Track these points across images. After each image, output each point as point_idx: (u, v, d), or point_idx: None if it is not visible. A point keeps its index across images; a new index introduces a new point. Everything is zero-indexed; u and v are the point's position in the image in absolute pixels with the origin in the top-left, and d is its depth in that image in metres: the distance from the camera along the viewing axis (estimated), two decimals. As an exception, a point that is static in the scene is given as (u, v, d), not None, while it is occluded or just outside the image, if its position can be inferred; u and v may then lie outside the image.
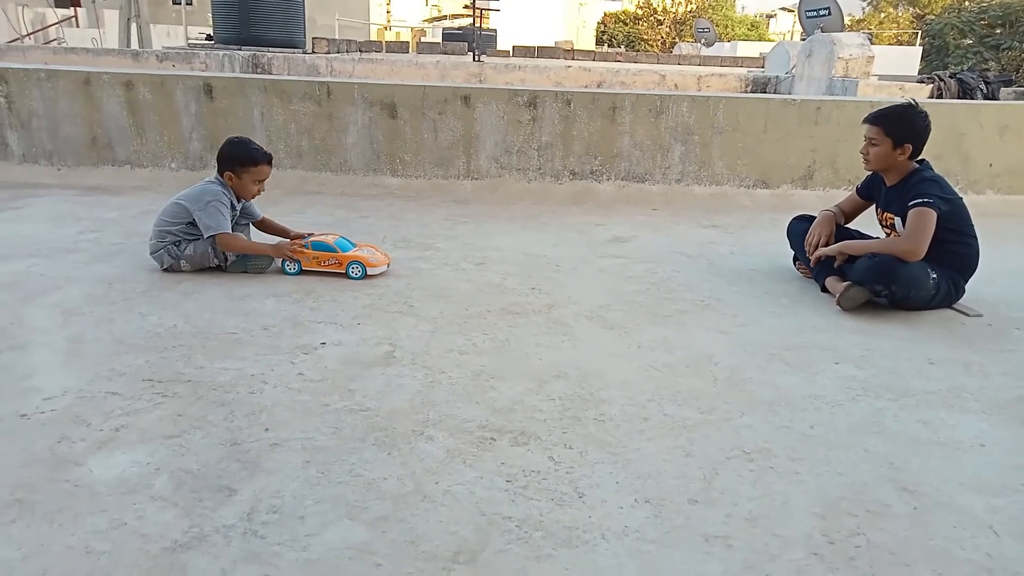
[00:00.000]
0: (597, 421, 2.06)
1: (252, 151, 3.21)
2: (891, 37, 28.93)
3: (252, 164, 3.19)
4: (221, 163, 3.22)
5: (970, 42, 21.21)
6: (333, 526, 1.59)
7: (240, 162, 3.18)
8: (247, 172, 3.19)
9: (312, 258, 3.19)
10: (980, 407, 2.23)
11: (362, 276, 3.18)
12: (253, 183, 3.23)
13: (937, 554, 1.56)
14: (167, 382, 2.21)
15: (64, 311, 2.73)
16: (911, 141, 3.01)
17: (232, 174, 3.20)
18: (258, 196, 3.32)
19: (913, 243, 2.93)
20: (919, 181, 3.02)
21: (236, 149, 3.21)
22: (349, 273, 3.18)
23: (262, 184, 3.27)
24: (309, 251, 3.20)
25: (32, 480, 1.71)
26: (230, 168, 3.20)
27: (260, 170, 3.21)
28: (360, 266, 3.18)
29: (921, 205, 2.93)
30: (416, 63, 10.26)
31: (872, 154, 3.09)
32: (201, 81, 5.04)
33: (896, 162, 3.06)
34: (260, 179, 3.24)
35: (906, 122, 3.02)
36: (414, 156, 5.14)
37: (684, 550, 1.55)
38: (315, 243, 3.22)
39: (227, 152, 3.21)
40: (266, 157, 3.23)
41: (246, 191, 3.24)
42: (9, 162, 5.08)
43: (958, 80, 8.99)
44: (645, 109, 5.11)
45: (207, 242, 3.16)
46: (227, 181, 3.21)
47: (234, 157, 3.19)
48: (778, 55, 10.63)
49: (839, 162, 5.21)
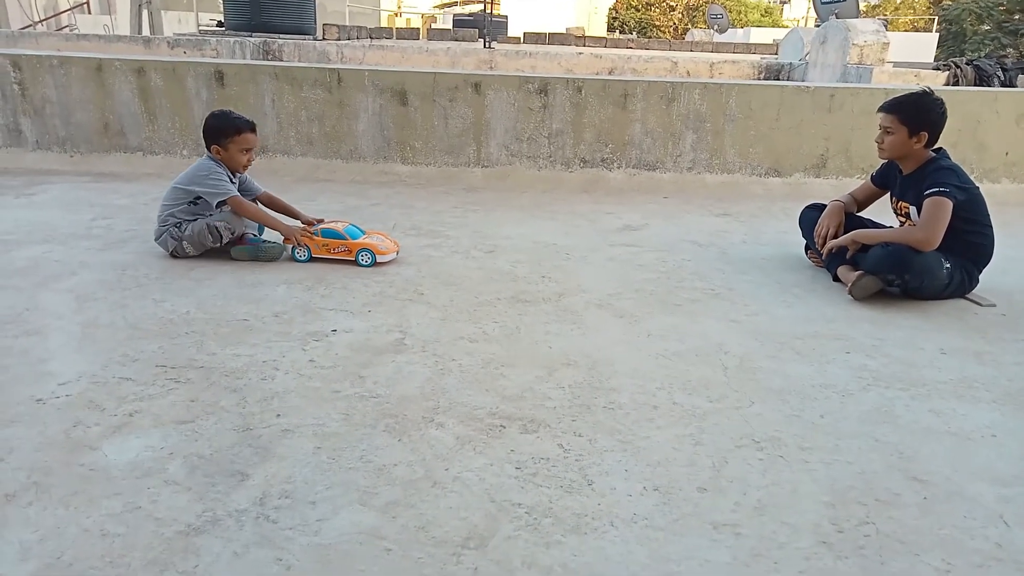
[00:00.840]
0: (607, 409, 2.07)
1: (234, 120, 3.21)
2: (907, 23, 28.56)
3: (235, 133, 3.19)
4: (207, 138, 3.23)
5: (988, 28, 20.91)
6: (344, 511, 1.60)
7: (224, 133, 3.19)
8: (232, 142, 3.19)
9: (322, 245, 3.21)
10: (992, 397, 2.22)
11: (371, 264, 3.19)
12: (240, 153, 3.22)
13: (946, 543, 1.56)
14: (180, 368, 2.23)
15: (78, 297, 2.76)
16: (927, 129, 2.98)
17: (218, 147, 3.20)
18: (249, 167, 3.31)
19: (928, 233, 2.90)
20: (936, 170, 2.99)
21: (218, 121, 3.22)
22: (359, 260, 3.20)
23: (250, 153, 3.27)
24: (319, 238, 3.21)
25: (48, 464, 1.74)
26: (215, 141, 3.20)
27: (244, 138, 3.21)
28: (370, 253, 3.19)
29: (937, 194, 2.90)
30: (427, 50, 10.22)
31: (887, 143, 3.05)
32: (212, 68, 5.05)
33: (912, 151, 3.03)
34: (247, 147, 3.23)
35: (922, 110, 2.98)
36: (424, 143, 5.14)
37: (693, 537, 1.56)
38: (325, 230, 3.23)
39: (210, 125, 3.22)
40: (248, 125, 3.24)
41: (235, 162, 3.23)
42: (23, 148, 5.12)
43: (975, 67, 8.88)
44: (657, 96, 5.08)
45: (203, 220, 3.17)
46: (215, 155, 3.22)
47: (218, 129, 3.20)
48: (792, 42, 10.51)
49: (853, 150, 5.16)
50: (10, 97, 5.03)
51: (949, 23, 21.78)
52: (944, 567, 1.49)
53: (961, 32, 21.14)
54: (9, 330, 2.45)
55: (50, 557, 1.44)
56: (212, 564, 1.44)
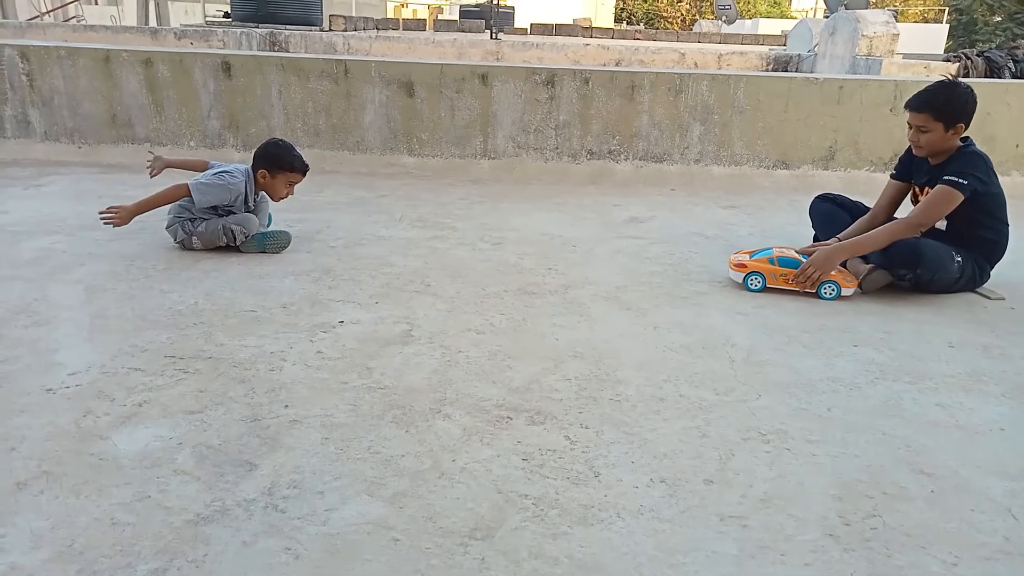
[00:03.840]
0: (613, 401, 2.07)
1: (295, 158, 3.27)
2: (917, 14, 28.33)
3: (290, 170, 3.26)
4: (260, 159, 3.26)
5: (999, 19, 20.73)
6: (352, 501, 1.61)
7: (281, 165, 3.25)
8: (283, 175, 3.26)
9: (780, 275, 2.94)
10: (1000, 391, 2.21)
11: (835, 297, 2.90)
12: (285, 186, 3.29)
13: (953, 537, 1.56)
14: (188, 358, 2.24)
15: (87, 288, 2.77)
16: (963, 120, 2.90)
17: (267, 172, 3.24)
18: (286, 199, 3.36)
19: (921, 217, 2.88)
20: (964, 154, 2.93)
21: (281, 151, 3.27)
22: (821, 294, 2.91)
23: (292, 188, 3.34)
24: (775, 267, 2.95)
25: (58, 453, 1.75)
26: (269, 166, 3.24)
27: (294, 177, 3.29)
28: (835, 286, 2.89)
29: (952, 184, 2.86)
30: (433, 41, 10.19)
31: (924, 141, 2.95)
32: (219, 59, 5.05)
33: (950, 144, 2.96)
34: (293, 183, 3.32)
35: (954, 101, 2.89)
36: (431, 135, 5.13)
37: (699, 529, 1.56)
38: (782, 259, 2.95)
39: (272, 152, 3.26)
40: (305, 167, 3.31)
41: (276, 191, 3.29)
42: (31, 139, 5.13)
43: (985, 58, 8.80)
44: (664, 88, 5.06)
45: (218, 220, 3.19)
46: (260, 178, 3.27)
47: (278, 157, 3.25)
48: (800, 33, 10.44)
49: (861, 142, 5.13)
50: (18, 88, 5.04)
51: (960, 14, 21.61)
52: (951, 560, 1.49)
53: (972, 23, 20.97)
54: (19, 321, 2.47)
55: (61, 545, 1.45)
56: (221, 553, 1.45)
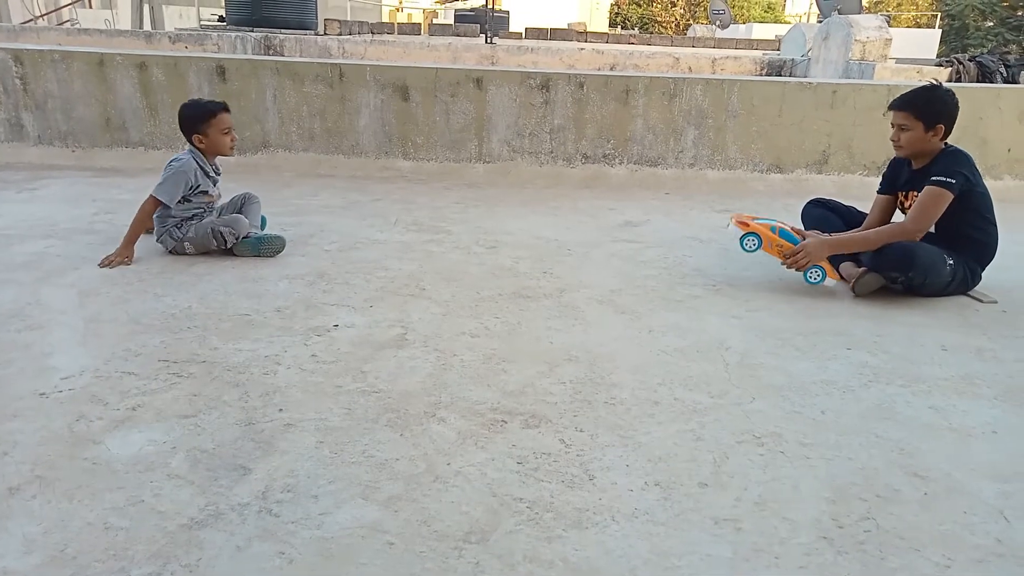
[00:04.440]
0: (608, 404, 2.07)
1: (207, 104, 3.25)
2: (910, 19, 28.49)
3: (211, 116, 3.21)
4: (186, 129, 3.24)
5: (991, 24, 20.87)
6: (346, 505, 1.61)
7: (200, 119, 3.21)
8: (211, 126, 3.21)
9: (776, 245, 3.00)
10: (993, 394, 2.22)
11: (820, 281, 2.99)
12: (222, 135, 3.24)
13: (947, 539, 1.57)
14: (182, 362, 2.23)
15: (80, 291, 2.77)
16: (943, 121, 2.94)
17: (199, 135, 3.22)
18: (235, 144, 3.32)
19: (916, 224, 2.90)
20: (948, 154, 2.97)
21: (192, 109, 3.24)
22: (807, 277, 3.00)
23: (232, 133, 3.29)
24: (775, 236, 3.01)
25: (52, 457, 1.74)
26: (195, 130, 3.22)
27: (221, 119, 3.23)
28: (821, 271, 2.98)
29: (940, 184, 2.88)
30: (428, 45, 10.21)
31: (904, 139, 2.99)
32: (214, 63, 5.04)
33: (929, 145, 2.98)
34: (226, 128, 3.25)
35: (935, 102, 2.94)
36: (426, 139, 5.13)
37: (694, 532, 1.56)
38: (783, 231, 3.03)
39: (186, 115, 3.24)
40: (222, 105, 3.26)
41: (221, 145, 3.25)
42: (25, 143, 5.11)
43: (977, 63, 8.86)
44: (658, 92, 5.07)
45: (207, 223, 3.18)
46: (198, 144, 3.23)
47: (194, 117, 3.22)
48: (794, 37, 10.50)
49: (855, 146, 5.16)
50: (12, 92, 5.03)
51: (952, 19, 21.74)
52: (944, 562, 1.50)
53: (964, 28, 21.10)
54: (12, 324, 2.46)
55: (54, 550, 1.45)
56: (215, 557, 1.44)
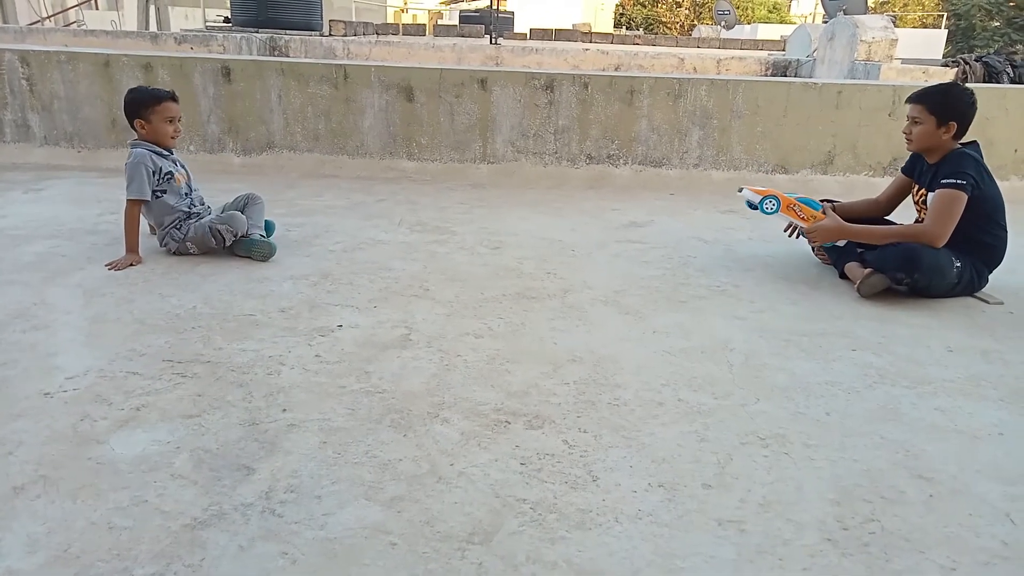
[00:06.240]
0: (612, 405, 2.07)
1: (153, 90, 3.16)
2: (915, 19, 28.39)
3: (156, 103, 3.11)
4: (129, 114, 3.15)
5: (997, 24, 20.79)
6: (349, 506, 1.61)
7: (144, 104, 3.12)
8: (154, 113, 3.11)
9: (790, 207, 3.21)
10: (999, 395, 2.21)
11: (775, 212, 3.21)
12: (164, 123, 3.13)
13: (952, 541, 1.56)
14: (186, 363, 2.24)
15: (86, 291, 2.77)
16: (955, 119, 2.92)
17: (142, 121, 3.13)
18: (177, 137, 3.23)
19: (937, 228, 2.87)
20: (958, 156, 2.94)
21: (136, 94, 3.16)
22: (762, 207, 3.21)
23: (176, 124, 3.19)
24: (794, 200, 3.20)
25: (56, 457, 1.75)
26: (137, 115, 3.13)
27: (166, 107, 3.13)
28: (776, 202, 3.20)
29: (952, 187, 2.86)
30: (433, 46, 10.21)
31: (915, 133, 2.99)
32: (219, 64, 5.06)
33: (940, 142, 2.97)
34: (170, 117, 3.15)
35: (951, 99, 2.93)
36: (430, 140, 5.14)
37: (697, 534, 1.56)
38: (805, 199, 3.24)
39: (130, 100, 3.15)
40: (168, 94, 3.17)
41: (162, 134, 3.15)
42: (31, 144, 5.14)
43: (984, 63, 8.82)
44: (663, 93, 5.07)
45: (205, 222, 3.17)
46: (140, 130, 3.14)
47: (137, 101, 3.13)
48: (799, 38, 10.47)
49: (860, 147, 5.14)
50: (18, 93, 5.05)
51: (958, 19, 21.66)
52: (949, 565, 1.49)
53: (970, 28, 21.03)
54: (17, 325, 2.46)
55: (58, 549, 1.45)
56: (218, 557, 1.44)
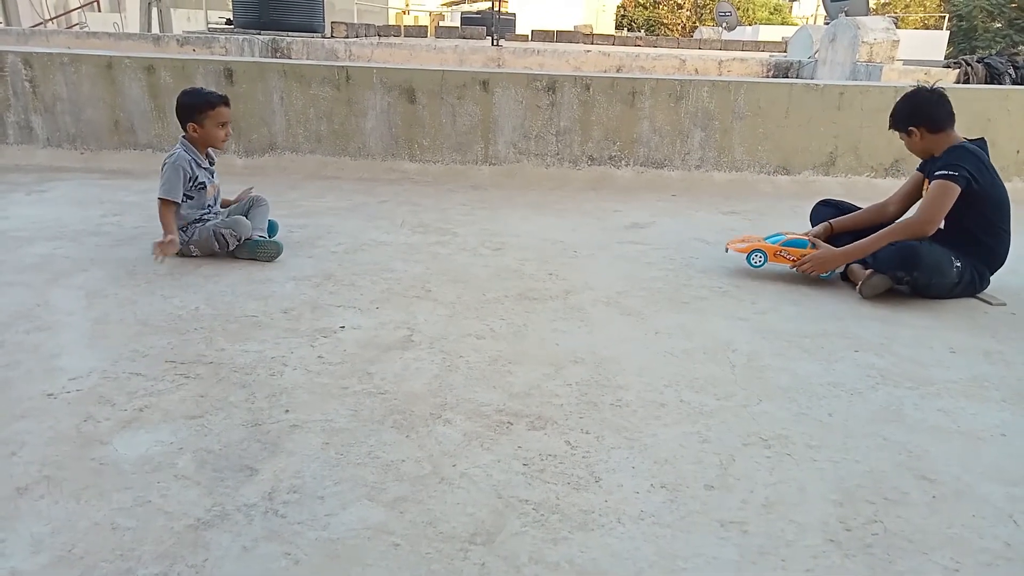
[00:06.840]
0: (614, 406, 2.07)
1: (207, 95, 3.22)
2: (917, 21, 28.36)
3: (210, 108, 3.18)
4: (182, 118, 3.22)
5: (999, 25, 20.77)
6: (352, 506, 1.61)
7: (199, 108, 3.18)
8: (208, 117, 3.18)
9: (781, 253, 3.14)
10: (1001, 396, 2.21)
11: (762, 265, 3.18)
12: (217, 128, 3.21)
13: (955, 542, 1.56)
14: (189, 363, 2.24)
15: (88, 293, 2.78)
16: (921, 122, 3.02)
17: (195, 124, 3.19)
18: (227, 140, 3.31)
19: (926, 215, 2.92)
20: (954, 149, 2.97)
21: (191, 98, 3.21)
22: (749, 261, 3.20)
23: (227, 127, 3.26)
24: (777, 247, 3.15)
25: (59, 458, 1.75)
26: (191, 119, 3.19)
27: (219, 112, 3.20)
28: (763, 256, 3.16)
29: (944, 177, 2.90)
30: (434, 47, 10.22)
31: (909, 148, 3.15)
32: (221, 66, 5.06)
33: (928, 145, 3.06)
34: (222, 122, 3.22)
35: (905, 107, 3.06)
36: (432, 141, 5.14)
37: (700, 535, 1.56)
38: (790, 240, 3.17)
39: (184, 103, 3.21)
40: (222, 99, 3.23)
41: (214, 137, 3.22)
42: (34, 146, 5.15)
43: (985, 65, 8.81)
44: (665, 94, 5.07)
45: (209, 225, 3.19)
46: (192, 133, 3.21)
47: (192, 106, 3.19)
48: (801, 39, 10.47)
49: (862, 148, 5.14)
50: (21, 95, 5.06)
51: (960, 20, 21.64)
52: (953, 566, 1.49)
53: (972, 29, 21.01)
54: (21, 326, 2.47)
55: (62, 550, 1.45)
56: (221, 558, 1.45)
